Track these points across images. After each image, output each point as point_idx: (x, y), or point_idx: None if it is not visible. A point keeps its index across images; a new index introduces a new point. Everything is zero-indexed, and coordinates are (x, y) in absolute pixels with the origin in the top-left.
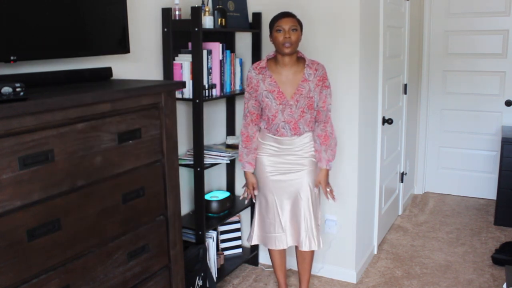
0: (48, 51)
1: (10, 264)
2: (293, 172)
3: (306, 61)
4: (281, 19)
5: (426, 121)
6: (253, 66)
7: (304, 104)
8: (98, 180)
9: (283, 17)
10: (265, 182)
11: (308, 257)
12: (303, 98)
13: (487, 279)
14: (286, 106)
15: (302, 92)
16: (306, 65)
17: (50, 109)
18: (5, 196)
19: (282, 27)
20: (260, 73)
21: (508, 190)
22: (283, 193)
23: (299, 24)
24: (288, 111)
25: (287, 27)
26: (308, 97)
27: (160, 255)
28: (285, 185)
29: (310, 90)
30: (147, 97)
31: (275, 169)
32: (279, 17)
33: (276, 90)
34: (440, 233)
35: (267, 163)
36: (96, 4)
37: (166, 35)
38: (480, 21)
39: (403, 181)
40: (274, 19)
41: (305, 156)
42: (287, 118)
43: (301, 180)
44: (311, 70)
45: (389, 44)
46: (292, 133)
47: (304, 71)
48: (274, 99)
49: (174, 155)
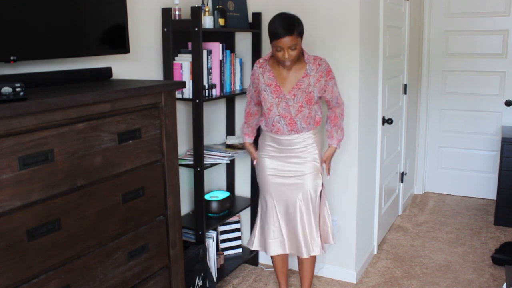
0: (48, 51)
1: (10, 264)
2: (295, 177)
3: (306, 57)
4: (279, 39)
5: (426, 121)
6: (257, 61)
7: (302, 99)
8: (98, 180)
9: (281, 37)
10: (266, 185)
11: (308, 263)
12: (301, 93)
13: (487, 279)
14: (281, 100)
15: (301, 86)
16: (307, 61)
17: (50, 109)
18: (5, 196)
19: (281, 47)
20: (261, 67)
21: (508, 190)
22: (284, 198)
23: (300, 35)
24: (283, 105)
25: (286, 47)
26: (307, 92)
27: (160, 255)
28: (284, 189)
29: (310, 85)
30: (147, 97)
31: (276, 172)
32: (277, 36)
33: (274, 84)
34: (440, 233)
35: (268, 165)
36: (96, 4)
37: (166, 35)
38: (480, 21)
39: (403, 181)
40: (272, 36)
41: (309, 159)
42: (281, 112)
43: (302, 186)
44: (313, 65)
45: (389, 44)
46: (289, 129)
47: (306, 67)
48: (270, 92)
49: (174, 155)
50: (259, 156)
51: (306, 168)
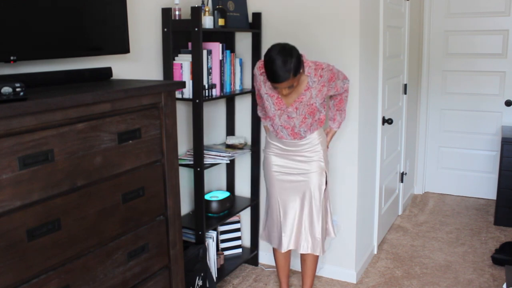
0: (48, 51)
1: (10, 264)
2: (299, 174)
3: (307, 70)
4: (276, 84)
5: (426, 121)
6: (258, 65)
7: (305, 112)
8: (98, 180)
9: (278, 83)
10: (271, 181)
11: (310, 261)
12: (303, 106)
13: (487, 279)
14: (284, 112)
15: (303, 100)
16: (308, 75)
17: (50, 109)
18: (5, 196)
19: (279, 87)
20: (262, 75)
21: (508, 190)
22: (288, 195)
23: (297, 73)
24: (285, 117)
25: (283, 87)
26: (309, 105)
27: (160, 255)
28: (289, 186)
29: (311, 98)
30: (147, 97)
31: (281, 168)
32: (273, 81)
33: (276, 96)
34: (440, 233)
35: (274, 162)
36: (96, 4)
37: (166, 35)
38: (480, 21)
39: (403, 181)
40: (269, 78)
41: (314, 159)
42: (283, 123)
43: (307, 184)
44: (315, 77)
45: (389, 44)
46: (291, 138)
47: (308, 79)
48: (273, 104)
49: (174, 155)
50: (265, 153)
51: (311, 166)
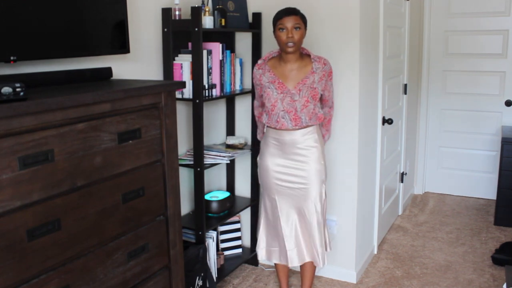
0: (48, 51)
1: (10, 264)
2: (299, 189)
3: (312, 56)
4: (283, 18)
5: (426, 121)
6: (256, 64)
7: (308, 94)
8: (98, 180)
9: (285, 15)
10: (270, 188)
11: (309, 265)
12: (306, 88)
13: (487, 279)
14: (286, 95)
15: (306, 82)
16: (313, 60)
17: (50, 109)
18: (5, 196)
19: (285, 26)
20: (260, 68)
21: (508, 190)
22: (288, 202)
23: (303, 20)
24: (288, 100)
25: (289, 26)
26: (312, 88)
27: (160, 255)
28: (288, 195)
29: (314, 82)
30: (147, 97)
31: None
32: (281, 15)
33: (277, 81)
34: (440, 233)
35: (271, 167)
36: (96, 4)
37: (166, 35)
38: (480, 21)
39: (403, 181)
40: (276, 17)
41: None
42: (286, 107)
43: (307, 197)
44: (319, 64)
45: (389, 44)
46: (293, 124)
47: (312, 65)
48: (275, 88)
49: (174, 155)
50: (261, 158)
51: (310, 173)
